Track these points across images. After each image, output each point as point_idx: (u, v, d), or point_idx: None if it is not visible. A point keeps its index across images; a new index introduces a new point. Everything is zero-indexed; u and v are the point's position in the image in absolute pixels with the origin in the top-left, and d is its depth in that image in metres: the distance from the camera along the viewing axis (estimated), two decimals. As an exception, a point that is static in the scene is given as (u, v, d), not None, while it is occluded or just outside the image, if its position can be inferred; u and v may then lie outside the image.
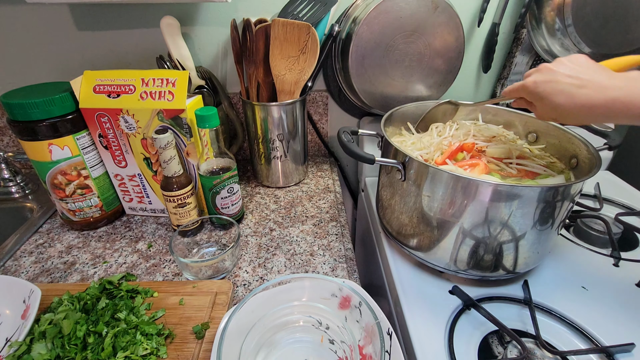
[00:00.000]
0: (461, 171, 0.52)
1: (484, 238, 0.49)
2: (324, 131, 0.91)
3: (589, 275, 0.57)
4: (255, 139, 0.75)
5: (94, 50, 0.77)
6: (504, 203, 0.45)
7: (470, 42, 0.80)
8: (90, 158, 0.64)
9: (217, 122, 0.58)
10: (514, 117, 0.66)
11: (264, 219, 0.70)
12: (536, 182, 0.53)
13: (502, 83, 0.83)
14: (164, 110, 0.58)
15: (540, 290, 0.54)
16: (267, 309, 0.44)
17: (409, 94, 0.75)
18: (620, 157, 0.87)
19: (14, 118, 0.57)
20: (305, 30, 0.63)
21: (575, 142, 0.56)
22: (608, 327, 0.49)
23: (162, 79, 0.59)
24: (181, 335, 0.46)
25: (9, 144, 0.85)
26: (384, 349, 0.37)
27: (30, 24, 0.74)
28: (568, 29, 0.68)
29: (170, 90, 0.58)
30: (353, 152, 0.53)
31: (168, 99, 0.58)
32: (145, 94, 0.59)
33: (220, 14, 0.76)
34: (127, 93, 0.59)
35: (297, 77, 0.68)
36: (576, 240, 0.64)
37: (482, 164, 0.55)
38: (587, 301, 0.53)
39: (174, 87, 0.58)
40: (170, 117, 0.59)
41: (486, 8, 0.73)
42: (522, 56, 0.78)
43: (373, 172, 0.84)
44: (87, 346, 0.42)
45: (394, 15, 0.66)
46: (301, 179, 0.83)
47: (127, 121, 0.60)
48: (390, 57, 0.70)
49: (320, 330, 0.45)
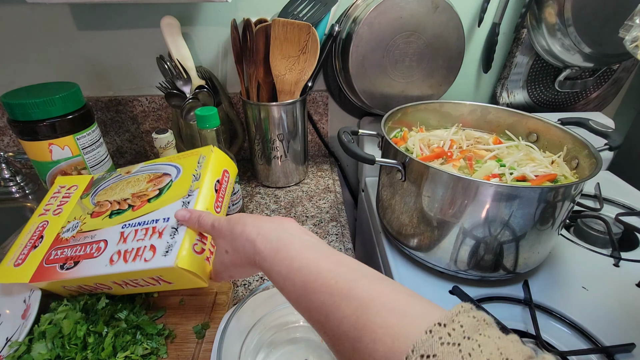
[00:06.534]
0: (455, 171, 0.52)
1: (484, 238, 0.49)
2: (324, 131, 0.91)
3: (589, 275, 0.57)
4: (255, 139, 0.75)
5: (94, 50, 0.77)
6: (504, 203, 0.45)
7: (470, 42, 0.80)
8: (91, 158, 0.64)
9: (217, 122, 0.58)
10: (514, 117, 0.66)
11: (264, 219, 0.70)
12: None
13: (502, 83, 0.83)
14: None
15: (540, 291, 0.54)
16: (267, 309, 0.44)
17: (409, 94, 0.75)
18: (620, 157, 0.87)
19: (14, 118, 0.57)
20: (306, 30, 0.63)
21: (576, 143, 0.56)
22: (608, 327, 0.49)
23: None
24: (181, 335, 0.46)
25: (9, 144, 0.85)
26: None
27: (30, 24, 0.74)
28: (568, 29, 0.68)
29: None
30: (353, 153, 0.53)
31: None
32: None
33: (221, 14, 0.76)
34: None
35: (297, 77, 0.68)
36: (576, 240, 0.64)
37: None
38: (587, 301, 0.53)
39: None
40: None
41: (486, 8, 0.73)
42: (522, 56, 0.78)
43: (373, 172, 0.84)
44: (87, 346, 0.42)
45: (394, 15, 0.66)
46: (301, 179, 0.83)
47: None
48: (390, 57, 0.70)
49: (320, 330, 0.45)
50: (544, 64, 0.79)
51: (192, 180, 0.49)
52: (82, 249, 0.46)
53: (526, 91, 0.83)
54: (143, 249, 0.43)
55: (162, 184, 0.51)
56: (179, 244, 0.42)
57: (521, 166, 0.54)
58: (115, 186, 0.54)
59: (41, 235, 0.51)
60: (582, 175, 0.53)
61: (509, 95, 0.84)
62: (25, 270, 0.47)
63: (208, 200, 0.48)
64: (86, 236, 0.48)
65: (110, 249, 0.45)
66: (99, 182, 0.57)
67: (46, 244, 0.49)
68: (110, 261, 0.43)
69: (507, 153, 0.59)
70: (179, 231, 0.43)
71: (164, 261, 0.41)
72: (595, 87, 0.84)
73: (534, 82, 0.82)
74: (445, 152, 0.59)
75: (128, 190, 0.52)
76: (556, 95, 0.84)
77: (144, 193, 0.50)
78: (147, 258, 0.42)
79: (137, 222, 0.46)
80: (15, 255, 0.49)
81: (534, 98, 0.84)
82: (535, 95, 0.84)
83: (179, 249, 0.41)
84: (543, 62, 0.79)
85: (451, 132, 0.65)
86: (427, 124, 0.69)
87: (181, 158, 0.54)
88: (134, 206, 0.49)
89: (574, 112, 0.87)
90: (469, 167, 0.55)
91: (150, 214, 0.47)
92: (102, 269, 0.43)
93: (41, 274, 0.46)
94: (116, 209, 0.50)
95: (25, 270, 0.47)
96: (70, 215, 0.53)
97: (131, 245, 0.44)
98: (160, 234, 0.44)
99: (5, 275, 0.48)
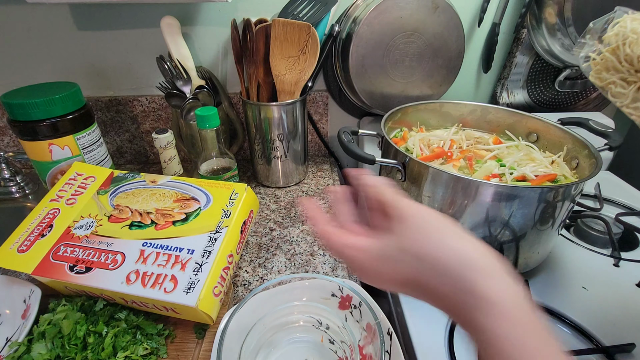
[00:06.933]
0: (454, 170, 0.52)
1: (484, 238, 0.49)
2: (324, 131, 0.91)
3: (589, 275, 0.57)
4: (255, 139, 0.75)
5: (94, 50, 0.77)
6: (504, 203, 0.45)
7: (470, 42, 0.80)
8: (91, 158, 0.64)
9: (217, 122, 0.58)
10: (514, 117, 0.66)
11: (264, 219, 0.70)
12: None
13: (502, 83, 0.83)
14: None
15: (540, 290, 0.54)
16: (267, 309, 0.44)
17: (409, 94, 0.75)
18: (620, 157, 0.87)
19: (15, 118, 0.57)
20: (306, 30, 0.63)
21: (576, 143, 0.56)
22: (608, 327, 0.49)
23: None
24: (181, 335, 0.46)
25: (9, 144, 0.85)
26: (384, 349, 0.37)
27: (30, 24, 0.74)
28: (568, 29, 0.68)
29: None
30: (353, 153, 0.53)
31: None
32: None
33: (221, 14, 0.76)
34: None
35: (297, 77, 0.68)
36: (576, 240, 0.64)
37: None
38: (587, 301, 0.53)
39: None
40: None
41: (486, 8, 0.73)
42: (522, 56, 0.78)
43: (373, 172, 0.84)
44: (87, 346, 0.42)
45: (394, 15, 0.66)
46: (301, 179, 0.83)
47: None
48: (390, 57, 0.70)
49: (320, 330, 0.45)
50: (544, 64, 0.79)
51: (222, 216, 0.49)
52: (97, 255, 0.45)
53: (526, 91, 0.83)
54: (164, 277, 0.43)
55: (189, 208, 0.50)
56: (202, 283, 0.42)
57: (521, 166, 0.54)
58: (139, 193, 0.53)
59: (50, 223, 0.49)
60: (582, 175, 0.53)
61: (509, 95, 0.84)
62: (29, 259, 0.45)
63: (233, 241, 0.48)
64: (101, 242, 0.47)
65: (128, 265, 0.44)
66: (120, 181, 0.55)
67: (55, 235, 0.47)
68: (127, 280, 0.43)
69: (507, 153, 0.59)
70: (203, 269, 0.43)
71: (185, 299, 0.41)
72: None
73: (534, 82, 0.82)
74: (445, 152, 0.59)
75: (152, 203, 0.51)
76: (556, 95, 0.85)
77: (169, 213, 0.49)
78: (168, 289, 0.42)
79: (160, 244, 0.45)
80: (19, 240, 0.47)
81: (534, 98, 0.84)
82: (535, 95, 0.84)
83: (201, 290, 0.41)
84: (543, 62, 0.79)
85: (451, 132, 0.65)
86: (427, 124, 0.69)
87: (213, 186, 0.53)
88: (157, 224, 0.48)
89: (574, 112, 0.87)
90: (469, 167, 0.55)
91: (175, 240, 0.46)
92: (117, 286, 0.42)
93: (46, 269, 0.45)
94: (137, 221, 0.49)
95: (28, 260, 0.45)
96: (85, 210, 0.51)
97: (151, 269, 0.43)
98: (184, 267, 0.43)
99: (7, 260, 0.45)
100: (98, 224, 0.49)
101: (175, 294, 0.41)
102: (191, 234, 0.47)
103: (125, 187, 0.54)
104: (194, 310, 0.41)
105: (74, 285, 0.44)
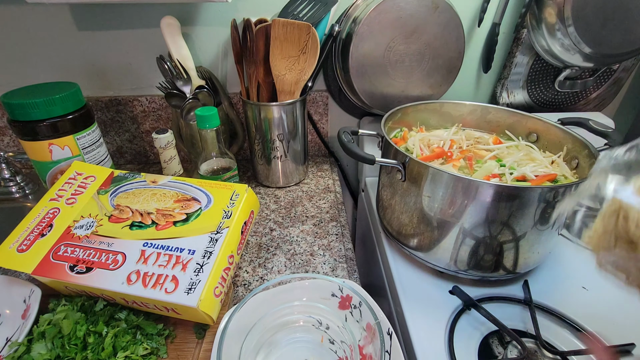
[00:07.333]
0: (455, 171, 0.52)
1: (484, 238, 0.49)
2: (324, 131, 0.91)
3: (589, 275, 0.57)
4: (255, 139, 0.75)
5: (94, 50, 0.77)
6: (504, 203, 0.45)
7: (470, 42, 0.80)
8: (91, 158, 0.64)
9: (217, 122, 0.58)
10: (514, 117, 0.66)
11: (264, 219, 0.70)
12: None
13: (502, 83, 0.83)
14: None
15: (540, 290, 0.54)
16: (267, 309, 0.44)
17: (409, 94, 0.75)
18: (620, 157, 0.87)
19: (15, 118, 0.57)
20: (306, 30, 0.63)
21: (576, 143, 0.56)
22: (608, 327, 0.49)
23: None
24: (181, 335, 0.46)
25: (9, 144, 0.85)
26: (384, 349, 0.37)
27: (30, 24, 0.74)
28: (568, 29, 0.68)
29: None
30: (353, 153, 0.53)
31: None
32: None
33: (221, 14, 0.76)
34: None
35: (297, 77, 0.68)
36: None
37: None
38: (587, 301, 0.53)
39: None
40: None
41: (486, 8, 0.73)
42: (522, 56, 0.78)
43: (373, 172, 0.84)
44: (87, 346, 0.42)
45: (394, 15, 0.66)
46: (301, 179, 0.83)
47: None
48: (390, 57, 0.70)
49: (320, 330, 0.45)
50: (544, 64, 0.79)
51: (223, 217, 0.49)
52: (97, 255, 0.45)
53: (526, 91, 0.83)
54: (164, 277, 0.43)
55: (190, 209, 0.50)
56: (203, 284, 0.42)
57: (521, 166, 0.54)
58: (139, 193, 0.53)
59: (50, 223, 0.49)
60: (582, 175, 0.53)
61: (509, 95, 0.84)
62: (29, 259, 0.45)
63: (233, 241, 0.48)
64: (102, 242, 0.47)
65: (128, 265, 0.44)
66: (120, 181, 0.55)
67: (55, 235, 0.47)
68: (127, 280, 0.43)
69: (507, 153, 0.59)
70: (204, 270, 0.43)
71: (186, 299, 0.41)
72: (595, 87, 0.84)
73: (534, 82, 0.82)
74: (445, 152, 0.59)
75: (153, 203, 0.51)
76: (556, 95, 0.85)
77: (170, 213, 0.49)
78: (169, 290, 0.42)
79: (161, 244, 0.46)
80: (19, 239, 0.47)
81: (534, 98, 0.84)
82: (535, 95, 0.84)
83: (202, 290, 0.41)
84: (543, 62, 0.79)
85: (451, 132, 0.65)
86: (427, 124, 0.69)
87: (213, 187, 0.53)
88: (157, 224, 0.48)
89: (574, 112, 0.87)
90: (469, 167, 0.55)
91: (176, 240, 0.46)
92: (118, 286, 0.42)
93: (46, 269, 0.45)
94: (138, 221, 0.48)
95: (28, 259, 0.45)
96: (85, 210, 0.51)
97: (152, 270, 0.43)
98: (184, 267, 0.43)
99: (7, 259, 0.45)
100: (98, 224, 0.49)
101: (176, 294, 0.41)
102: (192, 234, 0.47)
103: (126, 187, 0.54)
104: (194, 310, 0.41)
105: (75, 286, 0.44)
